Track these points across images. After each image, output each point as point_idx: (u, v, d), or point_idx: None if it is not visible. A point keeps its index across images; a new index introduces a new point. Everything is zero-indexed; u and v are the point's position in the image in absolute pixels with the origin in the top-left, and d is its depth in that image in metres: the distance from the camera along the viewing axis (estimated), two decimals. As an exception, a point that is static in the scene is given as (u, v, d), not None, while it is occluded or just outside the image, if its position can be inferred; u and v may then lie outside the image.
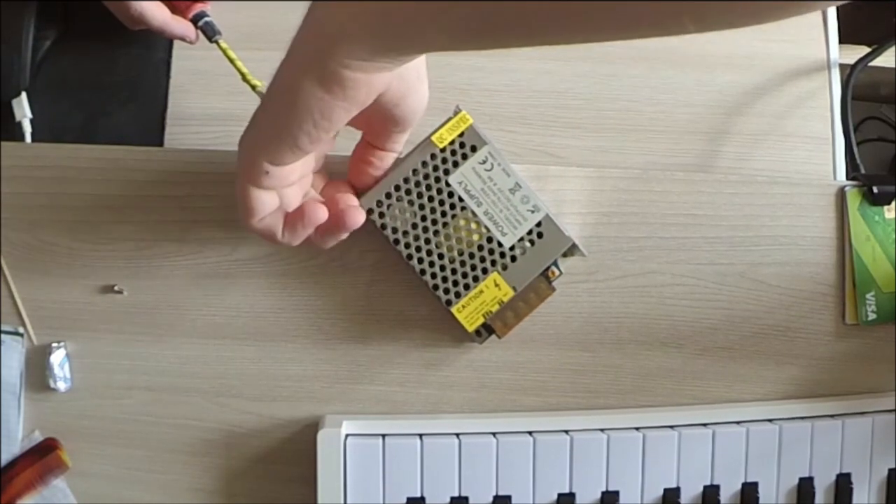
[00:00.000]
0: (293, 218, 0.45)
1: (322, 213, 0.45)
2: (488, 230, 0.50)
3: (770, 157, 0.66)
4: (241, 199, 0.44)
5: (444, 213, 0.50)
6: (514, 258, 0.50)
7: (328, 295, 0.52)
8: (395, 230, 0.50)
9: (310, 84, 0.38)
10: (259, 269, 0.52)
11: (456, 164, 0.49)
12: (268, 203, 0.44)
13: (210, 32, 0.60)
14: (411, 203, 0.49)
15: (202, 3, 0.61)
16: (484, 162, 0.49)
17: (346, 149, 0.64)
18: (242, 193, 0.43)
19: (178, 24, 0.59)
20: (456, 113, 0.50)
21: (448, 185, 0.49)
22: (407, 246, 0.50)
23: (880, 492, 0.56)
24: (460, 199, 0.50)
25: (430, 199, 0.50)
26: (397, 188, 0.49)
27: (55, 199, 0.51)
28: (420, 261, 0.50)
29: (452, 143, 0.49)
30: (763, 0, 0.31)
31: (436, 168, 0.49)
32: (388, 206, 0.49)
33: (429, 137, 0.49)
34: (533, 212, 0.50)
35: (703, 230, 0.55)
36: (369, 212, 0.49)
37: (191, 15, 0.60)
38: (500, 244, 0.50)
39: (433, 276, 0.50)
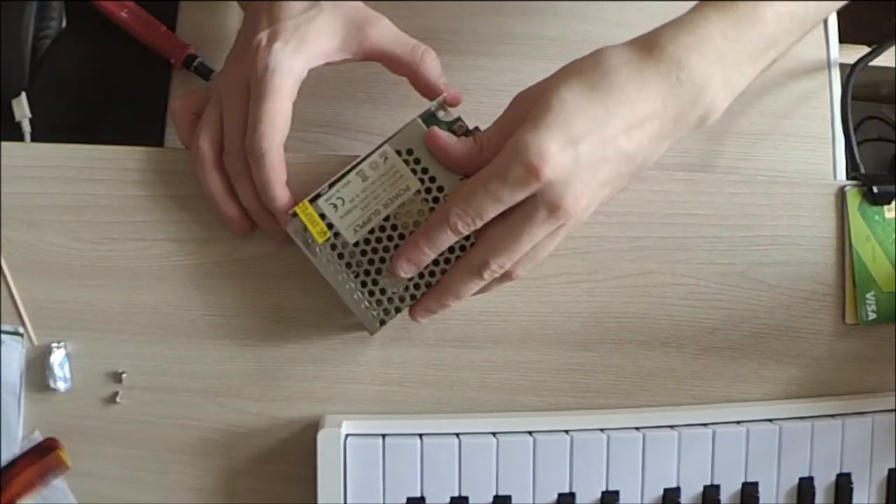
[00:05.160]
0: None
1: None
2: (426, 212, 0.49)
3: (770, 157, 0.66)
4: None
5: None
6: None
7: (328, 295, 0.52)
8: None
9: None
10: (259, 269, 0.52)
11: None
12: None
13: (204, 71, 0.62)
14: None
15: (188, 47, 0.62)
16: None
17: (348, 150, 0.64)
18: None
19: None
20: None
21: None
22: None
23: (880, 492, 0.56)
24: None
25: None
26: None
27: (55, 199, 0.51)
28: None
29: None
30: None
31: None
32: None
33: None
34: None
35: (703, 230, 0.55)
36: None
37: (182, 61, 0.62)
38: None
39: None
